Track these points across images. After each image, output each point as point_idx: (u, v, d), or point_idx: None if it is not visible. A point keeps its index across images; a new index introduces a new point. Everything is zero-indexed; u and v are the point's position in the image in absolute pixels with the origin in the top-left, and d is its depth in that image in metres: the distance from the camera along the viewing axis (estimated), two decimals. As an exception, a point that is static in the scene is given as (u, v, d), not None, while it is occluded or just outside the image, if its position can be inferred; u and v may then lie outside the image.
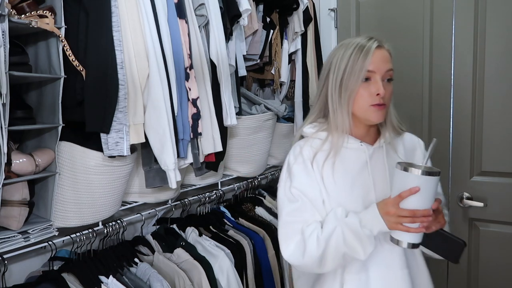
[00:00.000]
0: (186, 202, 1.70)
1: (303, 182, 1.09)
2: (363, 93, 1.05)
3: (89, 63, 1.17)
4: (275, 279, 1.73)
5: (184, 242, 1.53)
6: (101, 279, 1.27)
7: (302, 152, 1.12)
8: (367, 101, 1.05)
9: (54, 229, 1.24)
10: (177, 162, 1.34)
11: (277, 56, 1.95)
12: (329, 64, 1.11)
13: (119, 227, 1.43)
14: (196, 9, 1.45)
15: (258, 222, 1.82)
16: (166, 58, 1.31)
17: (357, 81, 1.05)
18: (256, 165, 1.93)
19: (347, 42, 1.09)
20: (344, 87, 1.06)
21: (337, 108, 1.08)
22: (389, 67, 1.07)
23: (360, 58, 1.04)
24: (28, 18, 1.10)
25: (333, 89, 1.08)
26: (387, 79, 1.07)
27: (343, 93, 1.07)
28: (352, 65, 1.05)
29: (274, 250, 1.75)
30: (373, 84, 1.05)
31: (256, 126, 1.83)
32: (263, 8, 1.84)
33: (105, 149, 1.21)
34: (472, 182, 1.86)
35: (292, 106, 2.13)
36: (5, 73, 1.01)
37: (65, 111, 1.19)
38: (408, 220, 0.95)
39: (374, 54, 1.04)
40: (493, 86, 1.79)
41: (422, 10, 1.93)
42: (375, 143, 1.13)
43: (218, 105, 1.53)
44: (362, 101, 1.06)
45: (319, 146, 1.11)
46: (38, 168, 1.17)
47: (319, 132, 1.13)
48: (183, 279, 1.37)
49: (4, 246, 1.14)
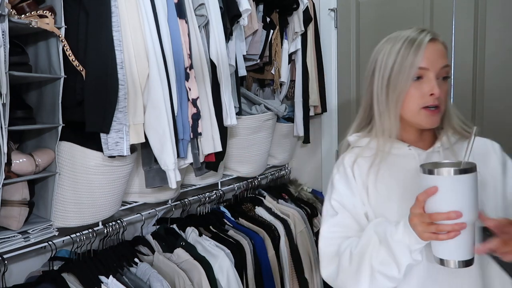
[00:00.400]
0: (186, 202, 1.70)
1: (342, 194, 0.99)
2: (414, 93, 0.91)
3: (89, 63, 1.17)
4: (275, 279, 1.72)
5: (184, 242, 1.53)
6: (101, 279, 1.27)
7: (343, 161, 1.02)
8: (418, 103, 0.92)
9: (54, 229, 1.24)
10: (177, 162, 1.34)
11: (277, 56, 1.95)
12: (374, 62, 0.98)
13: (119, 227, 1.43)
14: (196, 9, 1.45)
15: (258, 222, 1.82)
16: (166, 58, 1.31)
17: (407, 80, 0.91)
18: (256, 165, 1.93)
19: (395, 35, 0.95)
20: (392, 87, 0.93)
21: (384, 110, 0.95)
22: (444, 63, 0.92)
23: (411, 53, 0.90)
24: (28, 18, 1.10)
25: (379, 90, 0.95)
26: (443, 77, 0.93)
27: (390, 94, 0.93)
28: (401, 61, 0.91)
29: (274, 250, 1.75)
30: (426, 83, 0.91)
31: (256, 126, 1.83)
32: (263, 8, 1.84)
33: (105, 149, 1.21)
34: (472, 182, 1.86)
35: (292, 106, 2.13)
36: (5, 73, 1.01)
37: (65, 111, 1.19)
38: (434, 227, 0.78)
39: (427, 49, 0.90)
40: (493, 85, 1.79)
41: (422, 10, 1.93)
42: (429, 148, 0.98)
43: (218, 105, 1.53)
44: (412, 103, 0.92)
45: (361, 153, 1.00)
46: (38, 168, 1.17)
47: (363, 139, 1.02)
48: (183, 279, 1.37)
49: (4, 246, 1.14)
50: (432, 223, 0.78)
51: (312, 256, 1.93)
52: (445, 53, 0.93)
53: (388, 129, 0.95)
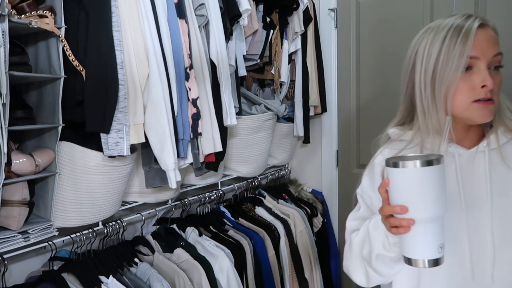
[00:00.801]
0: (186, 202, 1.70)
1: (364, 188, 0.97)
2: (463, 86, 0.82)
3: (89, 63, 1.17)
4: (275, 279, 1.73)
5: (184, 242, 1.53)
6: (101, 279, 1.27)
7: (376, 155, 0.97)
8: (468, 96, 0.82)
9: (54, 229, 1.24)
10: (177, 162, 1.34)
11: (277, 56, 1.95)
12: (414, 53, 0.89)
13: (119, 227, 1.43)
14: (196, 9, 1.45)
15: (258, 222, 1.82)
16: (166, 58, 1.31)
17: (457, 72, 0.81)
18: (256, 165, 1.93)
19: (437, 24, 0.87)
20: (438, 80, 0.83)
21: (430, 107, 0.85)
22: (497, 51, 0.83)
23: (459, 42, 0.81)
24: (28, 18, 1.10)
25: (423, 84, 0.86)
26: (495, 67, 0.84)
27: (437, 87, 0.84)
28: (447, 51, 0.82)
29: (274, 250, 1.75)
30: (477, 74, 0.81)
31: (256, 126, 1.83)
32: (263, 8, 1.84)
33: (105, 149, 1.21)
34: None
35: (292, 106, 2.13)
36: (5, 73, 1.01)
37: (65, 111, 1.19)
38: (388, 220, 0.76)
39: (477, 36, 0.81)
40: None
41: (422, 10, 1.93)
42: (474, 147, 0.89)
43: (218, 105, 1.53)
44: (461, 96, 0.83)
45: (401, 148, 0.91)
46: (38, 168, 1.17)
47: (407, 132, 0.93)
48: (183, 279, 1.37)
49: (4, 246, 1.14)
50: (389, 216, 0.76)
51: (312, 256, 1.93)
52: (496, 40, 0.84)
53: (436, 127, 0.86)
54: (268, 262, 1.72)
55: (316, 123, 2.29)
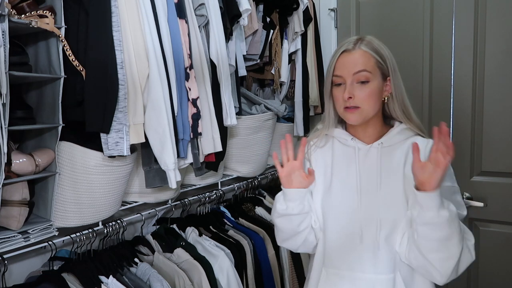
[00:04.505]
0: (186, 202, 1.70)
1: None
2: (336, 96, 1.11)
3: (89, 63, 1.17)
4: (275, 279, 1.73)
5: (184, 242, 1.53)
6: (101, 279, 1.27)
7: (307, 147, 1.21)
8: (340, 104, 1.10)
9: (54, 229, 1.24)
10: (177, 162, 1.34)
11: (277, 56, 1.95)
12: None
13: (119, 227, 1.43)
14: (196, 9, 1.45)
15: (258, 222, 1.82)
16: (166, 58, 1.31)
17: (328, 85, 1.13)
18: (256, 165, 1.93)
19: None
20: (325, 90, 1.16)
21: (326, 108, 1.18)
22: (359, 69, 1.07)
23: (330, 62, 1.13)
24: (28, 18, 1.10)
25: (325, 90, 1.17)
26: (361, 82, 1.07)
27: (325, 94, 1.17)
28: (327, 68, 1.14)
29: (274, 250, 1.75)
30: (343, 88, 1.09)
31: (256, 126, 1.83)
32: (263, 8, 1.84)
33: (105, 149, 1.21)
34: (472, 182, 1.86)
35: (292, 106, 2.13)
36: (5, 73, 1.01)
37: (65, 111, 1.19)
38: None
39: (340, 59, 1.10)
40: (493, 86, 1.79)
41: (422, 10, 1.93)
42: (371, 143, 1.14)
43: (218, 105, 1.53)
44: (337, 104, 1.11)
45: (313, 137, 1.22)
46: (38, 168, 1.17)
47: (320, 126, 1.22)
48: (183, 279, 1.37)
49: (4, 246, 1.14)
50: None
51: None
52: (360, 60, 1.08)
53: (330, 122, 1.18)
54: (268, 262, 1.72)
55: (316, 123, 2.27)
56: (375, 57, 1.08)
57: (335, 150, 1.17)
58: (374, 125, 1.14)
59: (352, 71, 1.07)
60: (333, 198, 1.12)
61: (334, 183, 1.14)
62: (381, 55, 1.09)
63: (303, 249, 1.18)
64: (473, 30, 1.81)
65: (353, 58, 1.08)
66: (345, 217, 1.10)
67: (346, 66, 1.08)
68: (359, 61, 1.07)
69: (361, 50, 1.08)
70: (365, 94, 1.07)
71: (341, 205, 1.11)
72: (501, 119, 1.78)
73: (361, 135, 1.15)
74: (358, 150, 1.13)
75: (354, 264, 1.08)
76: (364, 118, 1.09)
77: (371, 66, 1.07)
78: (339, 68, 1.09)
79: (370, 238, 1.07)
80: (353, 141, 1.14)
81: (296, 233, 1.12)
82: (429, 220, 0.94)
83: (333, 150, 1.18)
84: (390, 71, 1.10)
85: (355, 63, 1.07)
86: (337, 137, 1.18)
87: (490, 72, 1.79)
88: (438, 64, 1.90)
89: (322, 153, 1.19)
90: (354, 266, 1.08)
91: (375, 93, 1.08)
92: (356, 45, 1.09)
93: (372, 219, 1.07)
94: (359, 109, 1.07)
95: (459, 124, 1.87)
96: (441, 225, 0.94)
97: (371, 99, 1.07)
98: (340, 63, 1.09)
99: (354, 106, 1.07)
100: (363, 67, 1.07)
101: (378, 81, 1.09)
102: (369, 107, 1.08)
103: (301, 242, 1.14)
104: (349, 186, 1.11)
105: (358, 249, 1.08)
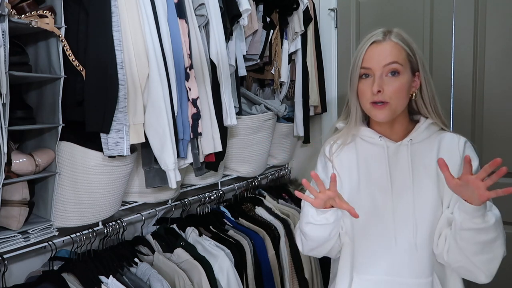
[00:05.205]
0: (186, 202, 1.70)
1: (317, 171, 1.15)
2: (362, 90, 1.05)
3: (89, 63, 1.17)
4: (275, 279, 1.72)
5: (184, 242, 1.53)
6: (101, 279, 1.27)
7: (324, 146, 1.17)
8: (366, 98, 1.04)
9: (54, 229, 1.24)
10: (177, 162, 1.34)
11: (277, 56, 1.95)
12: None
13: (119, 227, 1.43)
14: (196, 9, 1.45)
15: (258, 222, 1.82)
16: (166, 58, 1.31)
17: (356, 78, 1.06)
18: (256, 165, 1.93)
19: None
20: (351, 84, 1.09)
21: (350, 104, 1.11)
22: (389, 61, 1.01)
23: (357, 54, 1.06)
24: (28, 18, 1.10)
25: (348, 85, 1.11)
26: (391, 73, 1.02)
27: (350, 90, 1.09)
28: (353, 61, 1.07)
29: (274, 250, 1.75)
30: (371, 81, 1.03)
31: (256, 126, 1.83)
32: (263, 8, 1.84)
33: (105, 149, 1.21)
34: (472, 182, 1.85)
35: (292, 106, 2.13)
36: (5, 73, 1.01)
37: (65, 111, 1.19)
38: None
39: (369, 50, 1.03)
40: (493, 86, 1.79)
41: (422, 10, 1.93)
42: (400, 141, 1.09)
43: (218, 105, 1.53)
44: (362, 99, 1.06)
45: (335, 138, 1.15)
46: (38, 168, 1.17)
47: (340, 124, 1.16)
48: (183, 279, 1.37)
49: (4, 246, 1.14)
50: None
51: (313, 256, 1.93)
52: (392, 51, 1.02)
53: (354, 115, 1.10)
54: (268, 262, 1.72)
55: (316, 123, 2.29)
56: (406, 50, 1.03)
57: (359, 149, 1.11)
58: (401, 121, 1.08)
59: (382, 63, 1.01)
60: (362, 200, 1.07)
61: (362, 185, 1.08)
62: (412, 48, 1.04)
63: (327, 255, 1.14)
64: (473, 30, 1.81)
65: (384, 49, 1.02)
66: (376, 219, 1.05)
67: (376, 58, 1.01)
68: (390, 53, 1.01)
69: (392, 42, 1.02)
70: (394, 88, 1.00)
71: (372, 207, 1.06)
72: (501, 119, 1.78)
73: (388, 133, 1.09)
74: (387, 148, 1.07)
75: (390, 268, 1.04)
76: (392, 115, 1.03)
77: (402, 58, 1.02)
78: (367, 59, 1.02)
79: (405, 240, 1.03)
80: (382, 140, 1.08)
81: (326, 241, 1.07)
82: (475, 226, 0.90)
83: (356, 149, 1.12)
84: (420, 65, 1.05)
85: (386, 55, 1.01)
86: (362, 136, 1.12)
87: (490, 72, 1.79)
88: (438, 64, 1.90)
89: (346, 153, 1.13)
90: (390, 270, 1.04)
91: (405, 87, 1.02)
92: (387, 36, 1.03)
93: (407, 221, 1.03)
94: (388, 104, 1.01)
95: (459, 123, 1.87)
96: (487, 230, 0.90)
97: (400, 94, 1.01)
98: (369, 54, 1.02)
99: (382, 102, 1.01)
100: (395, 58, 1.01)
101: (408, 75, 1.03)
102: (398, 103, 1.02)
103: (328, 249, 1.09)
104: (379, 187, 1.06)
105: (393, 252, 1.04)
